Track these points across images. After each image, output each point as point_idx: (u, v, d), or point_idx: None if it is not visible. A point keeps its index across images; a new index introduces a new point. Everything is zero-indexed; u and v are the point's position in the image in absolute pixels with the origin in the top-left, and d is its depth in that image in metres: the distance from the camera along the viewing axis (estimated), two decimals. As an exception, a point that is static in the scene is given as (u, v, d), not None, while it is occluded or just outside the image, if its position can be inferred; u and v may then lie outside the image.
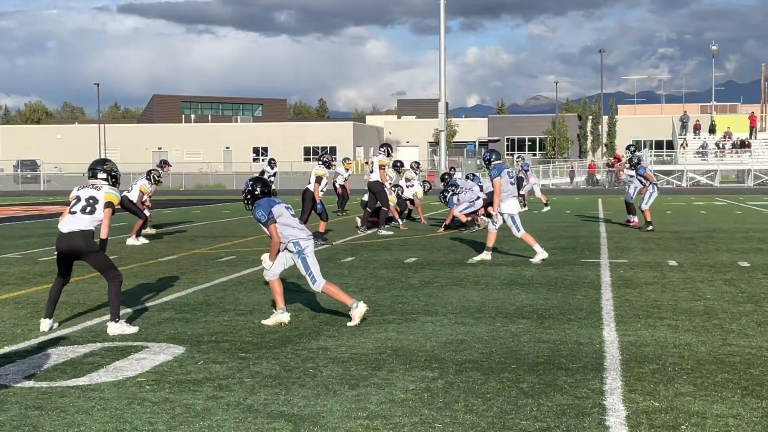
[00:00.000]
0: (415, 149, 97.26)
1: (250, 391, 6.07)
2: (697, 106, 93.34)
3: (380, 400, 5.81)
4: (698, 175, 58.19)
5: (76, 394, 6.03)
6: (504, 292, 10.56)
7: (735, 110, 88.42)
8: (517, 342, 7.64)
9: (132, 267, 13.37)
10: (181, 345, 7.64)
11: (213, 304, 9.87)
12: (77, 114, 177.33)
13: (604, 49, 75.31)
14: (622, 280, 11.49)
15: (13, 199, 45.76)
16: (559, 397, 5.83)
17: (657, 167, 61.42)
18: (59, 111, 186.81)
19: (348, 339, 7.83)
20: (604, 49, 75.20)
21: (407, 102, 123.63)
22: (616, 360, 6.90)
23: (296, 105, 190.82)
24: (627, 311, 9.11)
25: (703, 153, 59.63)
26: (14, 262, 14.18)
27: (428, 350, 7.33)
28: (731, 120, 68.51)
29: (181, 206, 34.92)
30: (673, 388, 6.03)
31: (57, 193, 55.31)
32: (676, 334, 7.89)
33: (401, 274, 12.21)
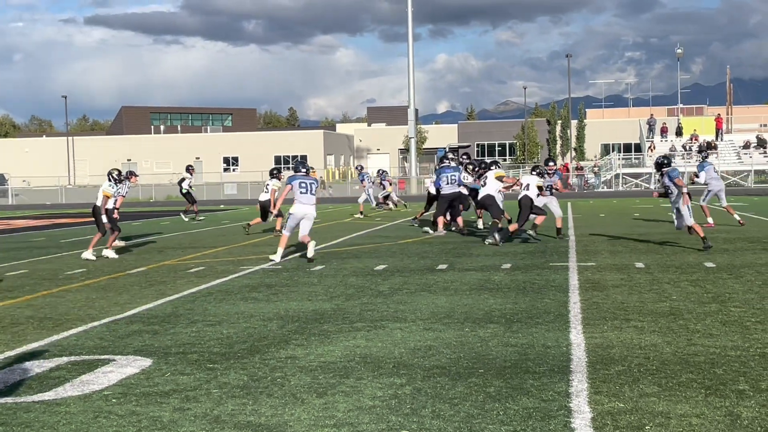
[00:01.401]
0: (386, 156, 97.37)
1: (217, 402, 6.05)
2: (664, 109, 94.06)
3: (348, 408, 5.81)
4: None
5: (42, 409, 5.99)
6: (473, 297, 10.59)
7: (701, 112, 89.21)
8: (485, 347, 7.66)
9: (100, 280, 13.29)
10: (148, 357, 7.60)
11: (181, 315, 9.83)
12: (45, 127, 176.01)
13: (571, 54, 75.74)
14: (589, 282, 11.56)
15: (-19, 213, 45.31)
16: (526, 401, 5.86)
17: (625, 170, 61.89)
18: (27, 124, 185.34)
19: (316, 347, 7.82)
20: (571, 54, 75.63)
21: (377, 109, 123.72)
22: (583, 362, 6.94)
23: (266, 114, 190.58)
24: (594, 314, 9.17)
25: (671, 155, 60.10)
26: (-19, 278, 14.05)
27: (396, 357, 7.34)
28: (698, 122, 69.18)
29: (151, 218, 34.78)
30: (638, 389, 6.07)
31: (26, 207, 54.90)
32: (641, 336, 7.95)
33: (371, 282, 12.22)
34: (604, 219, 25.91)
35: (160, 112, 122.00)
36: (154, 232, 24.51)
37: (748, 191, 48.95)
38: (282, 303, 10.50)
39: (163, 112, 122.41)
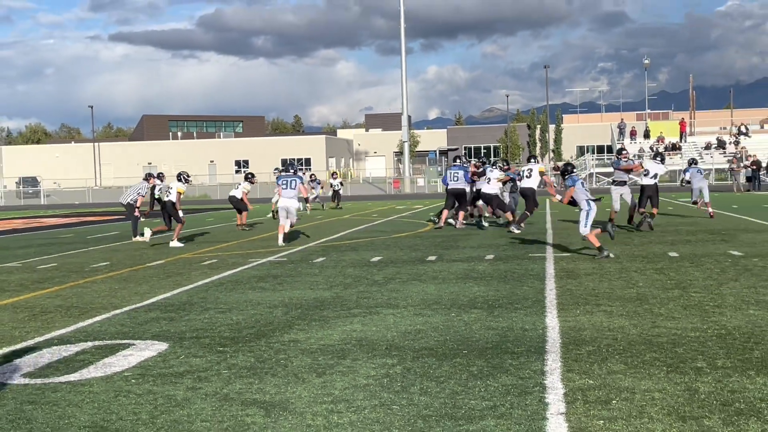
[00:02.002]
0: (382, 159, 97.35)
1: (226, 382, 6.04)
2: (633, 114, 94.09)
3: (344, 386, 5.81)
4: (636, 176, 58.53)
5: (68, 389, 5.98)
6: (459, 285, 10.59)
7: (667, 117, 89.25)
8: (469, 330, 7.67)
9: (123, 272, 13.28)
10: (165, 341, 7.60)
11: (195, 303, 9.82)
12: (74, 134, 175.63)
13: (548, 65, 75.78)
14: (564, 271, 11.56)
15: (16, 212, 45.26)
16: (505, 378, 5.86)
17: (599, 170, 61.89)
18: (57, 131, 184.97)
19: (317, 332, 7.82)
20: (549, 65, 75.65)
21: (374, 116, 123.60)
22: (557, 343, 6.94)
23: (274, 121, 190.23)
24: (568, 299, 9.17)
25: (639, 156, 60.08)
26: (14, 271, 14.04)
27: (389, 340, 7.34)
28: (664, 126, 69.23)
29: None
30: (607, 367, 6.08)
31: (56, 207, 54.82)
32: (610, 319, 7.96)
33: (367, 272, 12.22)
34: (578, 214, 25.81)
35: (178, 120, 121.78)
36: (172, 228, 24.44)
37: (710, 188, 48.93)
38: (286, 292, 10.49)
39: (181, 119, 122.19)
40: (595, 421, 4.84)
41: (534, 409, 5.11)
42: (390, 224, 23.50)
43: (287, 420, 5.08)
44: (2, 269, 14.34)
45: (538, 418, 4.95)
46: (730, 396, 5.27)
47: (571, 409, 5.08)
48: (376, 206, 36.58)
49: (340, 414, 5.18)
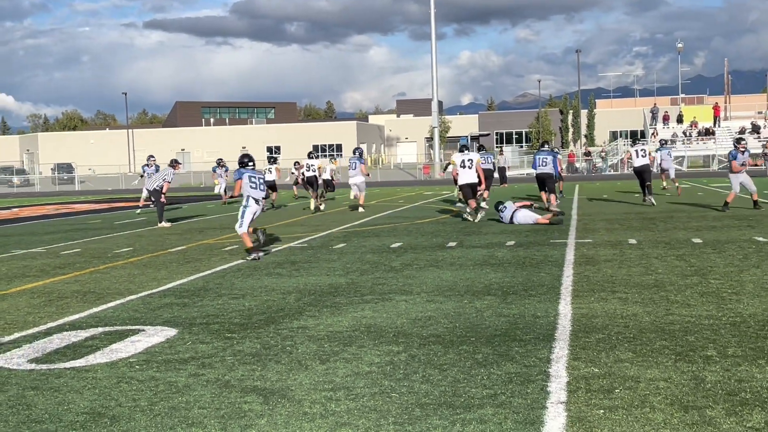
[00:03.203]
0: (413, 144, 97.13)
1: (229, 368, 6.01)
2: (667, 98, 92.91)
3: (346, 374, 5.75)
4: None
5: (71, 374, 5.99)
6: (475, 271, 10.49)
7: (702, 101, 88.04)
8: (480, 317, 7.57)
9: (143, 257, 13.33)
10: (174, 327, 7.59)
11: (210, 289, 9.82)
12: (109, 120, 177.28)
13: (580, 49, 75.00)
14: (584, 258, 11.41)
15: (49, 198, 45.77)
16: (509, 366, 5.77)
17: (631, 155, 61.19)
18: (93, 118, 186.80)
19: (327, 318, 7.77)
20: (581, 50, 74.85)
21: (406, 102, 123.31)
22: (567, 331, 6.83)
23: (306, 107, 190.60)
24: (584, 286, 9.04)
25: (673, 141, 59.39)
26: (38, 256, 14.15)
27: (398, 326, 7.27)
28: (697, 110, 68.27)
29: (197, 201, 34.91)
30: (614, 355, 5.96)
31: (90, 193, 55.36)
32: (624, 306, 7.82)
33: (385, 258, 12.15)
34: (606, 199, 25.62)
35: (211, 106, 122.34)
36: (199, 214, 24.60)
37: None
38: (302, 278, 10.46)
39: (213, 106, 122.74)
40: (595, 411, 4.74)
41: (534, 398, 5.02)
42: (415, 210, 23.42)
43: (284, 407, 5.03)
44: (27, 255, 14.46)
45: (538, 407, 4.85)
46: (736, 385, 5.14)
47: (572, 398, 4.98)
48: (404, 192, 36.49)
49: (338, 402, 5.12)
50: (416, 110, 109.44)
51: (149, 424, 4.81)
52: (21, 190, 66.83)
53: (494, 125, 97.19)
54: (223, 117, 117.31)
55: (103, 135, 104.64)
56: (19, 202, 42.08)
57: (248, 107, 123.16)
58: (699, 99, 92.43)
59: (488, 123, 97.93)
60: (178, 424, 4.79)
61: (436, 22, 58.31)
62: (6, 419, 5.00)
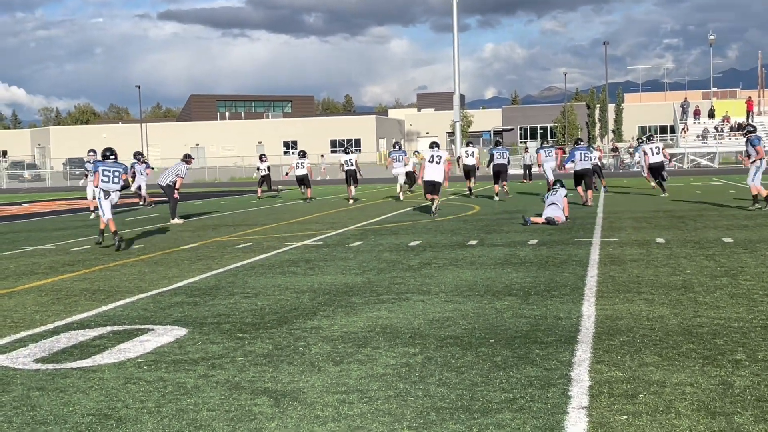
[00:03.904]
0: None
1: (240, 370, 6.01)
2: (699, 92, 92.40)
3: (360, 376, 5.74)
4: (699, 157, 57.51)
5: (78, 375, 6.00)
6: (496, 271, 10.45)
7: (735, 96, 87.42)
8: (500, 318, 7.54)
9: (155, 255, 13.38)
10: (185, 327, 7.60)
11: (222, 288, 9.83)
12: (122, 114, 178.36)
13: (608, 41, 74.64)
14: (609, 257, 11.35)
15: (60, 194, 46.06)
16: (529, 369, 5.74)
17: (660, 151, 60.81)
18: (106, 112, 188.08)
19: (341, 318, 7.76)
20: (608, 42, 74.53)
21: (427, 96, 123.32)
22: (590, 333, 6.79)
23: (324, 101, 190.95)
24: (609, 287, 8.98)
25: (704, 136, 59.01)
26: (47, 253, 14.24)
27: (414, 327, 7.25)
28: (730, 105, 67.76)
29: (212, 197, 35.01)
30: (639, 359, 5.91)
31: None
32: (651, 308, 7.76)
33: (403, 257, 12.14)
34: (634, 197, 25.49)
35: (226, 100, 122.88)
36: (212, 210, 24.69)
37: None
38: (317, 277, 10.46)
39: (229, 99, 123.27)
40: (618, 416, 4.70)
41: (555, 403, 4.98)
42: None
43: (296, 410, 5.02)
44: (35, 251, 14.56)
45: (558, 412, 4.82)
46: (766, 391, 5.08)
47: (595, 403, 4.94)
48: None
49: (351, 405, 5.10)
50: (437, 104, 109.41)
51: (156, 426, 4.82)
52: (32, 185, 67.33)
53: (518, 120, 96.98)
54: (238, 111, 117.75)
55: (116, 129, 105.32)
56: (30, 198, 42.41)
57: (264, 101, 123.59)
58: (732, 93, 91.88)
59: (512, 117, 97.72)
60: (186, 426, 4.79)
61: (458, 13, 58.21)
62: (10, 420, 5.02)
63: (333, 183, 51.72)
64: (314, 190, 36.46)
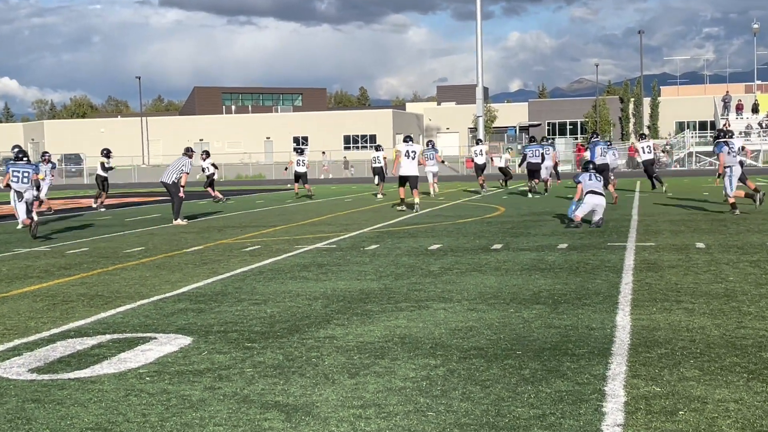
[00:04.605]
0: (455, 135, 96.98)
1: (248, 382, 6.03)
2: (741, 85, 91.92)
3: (377, 389, 5.74)
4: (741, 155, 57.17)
5: (76, 386, 6.04)
6: (523, 277, 10.45)
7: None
8: (527, 328, 7.53)
9: (156, 258, 13.44)
10: (189, 335, 7.63)
11: (229, 294, 9.87)
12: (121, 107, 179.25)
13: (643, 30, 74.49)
14: (645, 263, 11.32)
15: (55, 192, 46.27)
16: (560, 383, 5.73)
17: (699, 148, 60.64)
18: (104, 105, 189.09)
19: (357, 327, 7.77)
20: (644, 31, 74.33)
21: (447, 88, 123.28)
22: (625, 345, 6.77)
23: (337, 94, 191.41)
24: (645, 295, 8.96)
25: (747, 133, 58.73)
26: (42, 255, 14.33)
27: (435, 337, 7.25)
28: (775, 99, 67.39)
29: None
30: (678, 373, 5.90)
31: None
32: (690, 318, 7.74)
33: (422, 261, 12.14)
34: (671, 198, 25.41)
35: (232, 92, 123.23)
36: (217, 211, 24.78)
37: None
38: (330, 282, 10.48)
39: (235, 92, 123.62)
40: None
41: (588, 420, 4.97)
42: (457, 208, 23.42)
43: (308, 426, 5.03)
44: (29, 254, 14.65)
45: (591, 429, 4.81)
46: (817, 409, 5.06)
47: (631, 421, 4.93)
48: (444, 188, 36.41)
49: (368, 420, 5.11)
50: (459, 97, 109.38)
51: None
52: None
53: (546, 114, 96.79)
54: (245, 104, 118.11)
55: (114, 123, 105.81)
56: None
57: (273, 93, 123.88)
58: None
59: (539, 112, 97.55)
60: (191, 442, 4.81)
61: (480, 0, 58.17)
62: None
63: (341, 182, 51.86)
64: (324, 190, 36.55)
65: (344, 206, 25.79)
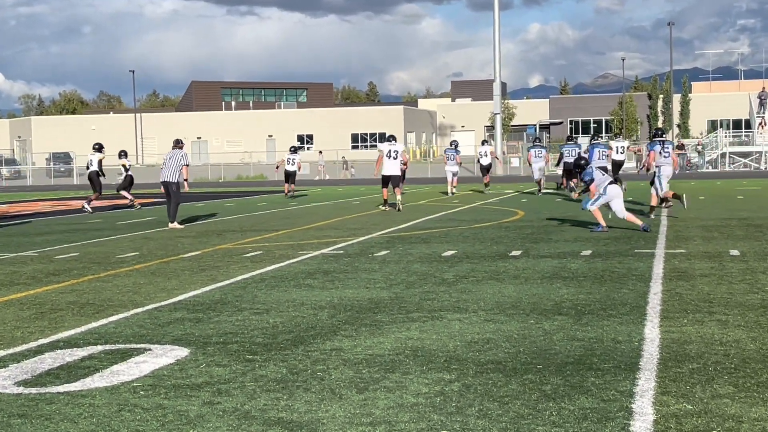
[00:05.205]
0: (471, 134, 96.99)
1: (250, 396, 6.04)
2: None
3: (388, 405, 5.74)
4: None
5: (65, 400, 6.05)
6: (544, 286, 10.44)
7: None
8: (549, 340, 7.53)
9: (151, 264, 13.47)
10: (186, 347, 7.65)
11: (229, 302, 9.88)
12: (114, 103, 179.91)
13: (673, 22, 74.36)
14: (675, 271, 11.31)
15: (44, 194, 46.47)
16: (584, 400, 5.72)
17: (733, 149, 60.52)
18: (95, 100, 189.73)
19: (365, 339, 7.78)
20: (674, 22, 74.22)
21: (462, 84, 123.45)
22: (654, 359, 6.76)
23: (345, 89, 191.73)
24: (675, 306, 8.95)
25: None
26: (29, 261, 14.37)
27: (450, 350, 7.25)
28: (815, 96, 67.18)
29: (216, 199, 35.19)
30: (711, 390, 5.88)
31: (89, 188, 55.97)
32: (724, 330, 7.73)
33: (436, 269, 12.15)
34: (703, 202, 25.38)
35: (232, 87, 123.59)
36: (216, 213, 24.82)
37: None
38: (337, 290, 10.49)
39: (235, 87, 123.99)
40: (688, 456, 4.68)
41: (614, 439, 4.97)
42: (472, 212, 23.43)
43: (314, 444, 5.03)
44: (16, 259, 14.70)
45: (618, 450, 4.80)
46: None
47: (660, 441, 4.92)
48: (459, 190, 36.41)
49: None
50: (475, 93, 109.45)
51: (155, 460, 4.84)
52: (11, 183, 68.12)
53: (568, 112, 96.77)
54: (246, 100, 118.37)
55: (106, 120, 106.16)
56: (9, 198, 42.85)
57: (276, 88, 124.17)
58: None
59: (561, 109, 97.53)
60: (188, 461, 4.81)
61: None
62: (-12, 451, 5.07)
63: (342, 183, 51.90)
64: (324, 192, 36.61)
65: (352, 209, 25.82)
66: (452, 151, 34.22)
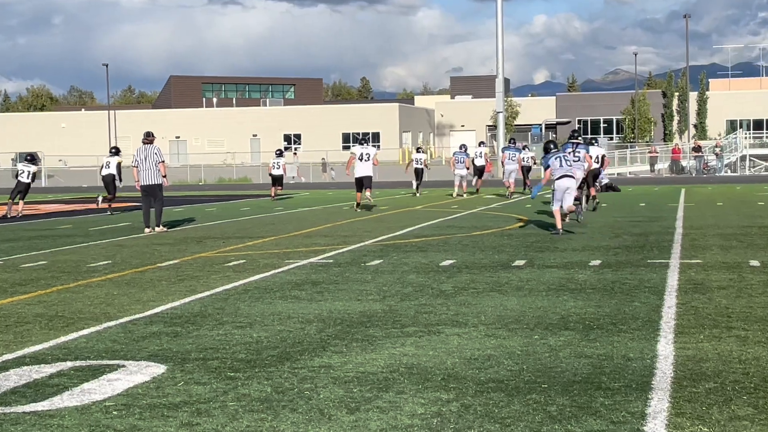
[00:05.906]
0: (471, 134, 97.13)
1: (231, 417, 6.04)
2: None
3: (381, 427, 5.75)
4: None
5: (32, 421, 6.05)
6: (549, 298, 10.47)
7: None
8: (554, 357, 7.55)
9: (125, 273, 13.47)
10: (163, 363, 7.65)
11: (209, 315, 9.89)
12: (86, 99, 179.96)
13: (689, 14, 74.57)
14: (691, 283, 11.34)
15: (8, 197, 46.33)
16: (592, 422, 5.73)
17: (753, 151, 60.72)
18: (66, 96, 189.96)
19: (356, 355, 7.79)
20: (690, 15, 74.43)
21: (462, 80, 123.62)
22: (668, 378, 6.78)
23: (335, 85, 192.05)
24: (690, 320, 8.98)
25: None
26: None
27: (448, 368, 7.27)
28: (842, 94, 67.50)
29: (196, 203, 35.18)
30: (729, 411, 5.90)
31: (59, 190, 56.07)
32: (743, 347, 7.75)
33: (433, 279, 12.18)
34: (721, 208, 25.46)
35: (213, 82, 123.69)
36: (195, 219, 24.83)
37: None
38: (326, 303, 10.51)
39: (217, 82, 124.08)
40: (704, 483, 4.70)
41: (624, 465, 4.99)
42: (472, 218, 23.46)
43: (301, 469, 5.04)
44: (-21, 267, 14.69)
45: (628, 476, 4.82)
46: None
47: (674, 466, 4.94)
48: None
49: (369, 463, 5.13)
50: (476, 90, 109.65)
51: (128, 486, 4.85)
52: (-27, 186, 67.88)
53: (576, 110, 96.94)
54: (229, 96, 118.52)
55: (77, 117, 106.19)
56: (-29, 201, 42.74)
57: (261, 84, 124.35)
58: None
59: (568, 108, 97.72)
60: (164, 487, 4.82)
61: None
62: (-52, 476, 5.07)
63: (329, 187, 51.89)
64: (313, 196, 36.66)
65: (342, 214, 25.84)
66: (462, 155, 35.91)
